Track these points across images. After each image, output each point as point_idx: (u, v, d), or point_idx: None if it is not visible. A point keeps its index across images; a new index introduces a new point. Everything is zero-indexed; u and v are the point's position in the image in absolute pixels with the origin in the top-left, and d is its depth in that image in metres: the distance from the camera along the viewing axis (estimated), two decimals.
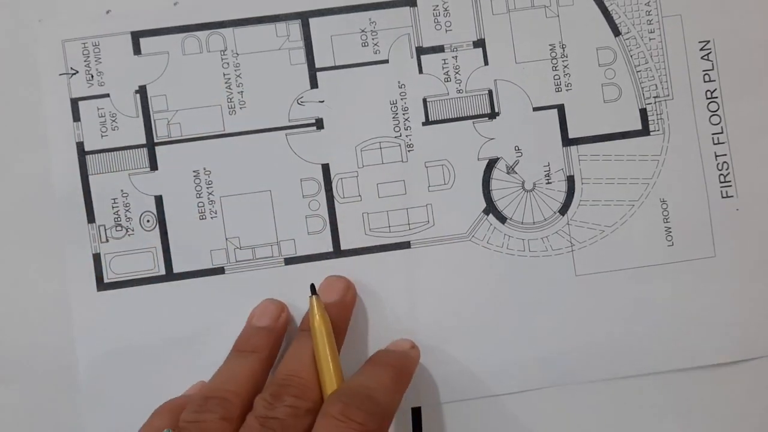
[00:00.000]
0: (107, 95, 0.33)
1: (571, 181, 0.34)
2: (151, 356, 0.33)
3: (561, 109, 0.34)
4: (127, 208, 0.33)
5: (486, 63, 0.34)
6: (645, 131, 0.34)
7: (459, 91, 0.34)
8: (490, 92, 0.34)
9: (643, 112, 0.34)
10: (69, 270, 0.33)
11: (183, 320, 0.33)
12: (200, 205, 0.33)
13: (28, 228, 0.33)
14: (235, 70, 0.34)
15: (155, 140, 0.33)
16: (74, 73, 0.33)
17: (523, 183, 0.34)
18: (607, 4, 0.34)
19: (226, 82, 0.34)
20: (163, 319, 0.33)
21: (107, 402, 0.33)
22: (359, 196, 0.34)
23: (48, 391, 0.33)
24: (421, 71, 0.34)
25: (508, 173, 0.34)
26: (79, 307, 0.33)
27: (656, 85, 0.34)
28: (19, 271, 0.33)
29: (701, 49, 0.34)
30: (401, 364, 0.31)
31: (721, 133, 0.34)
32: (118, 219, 0.33)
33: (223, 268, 0.33)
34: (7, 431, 0.33)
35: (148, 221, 0.33)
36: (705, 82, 0.34)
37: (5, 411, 0.33)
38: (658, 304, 0.34)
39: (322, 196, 0.34)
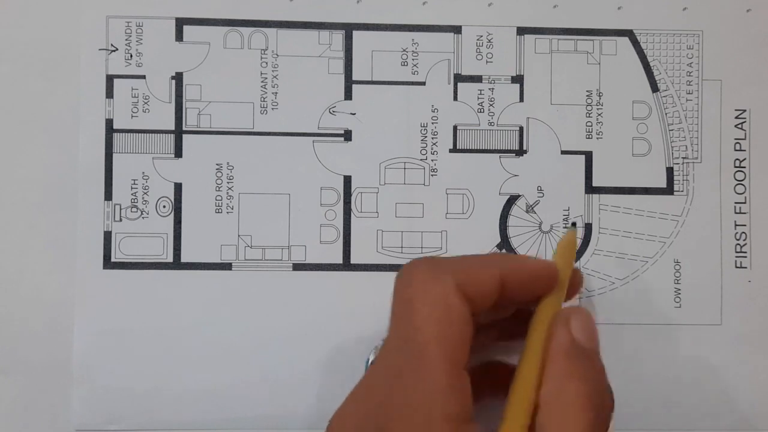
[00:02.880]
0: (143, 77, 0.33)
1: (588, 228, 0.34)
2: (145, 341, 0.33)
3: (589, 156, 0.34)
4: (145, 191, 0.33)
5: (521, 99, 0.34)
6: (669, 190, 0.34)
7: (490, 124, 0.34)
8: (521, 129, 0.34)
9: (670, 171, 0.34)
10: (79, 244, 0.33)
11: (183, 310, 0.33)
12: (218, 198, 0.33)
13: (46, 196, 0.33)
14: (273, 71, 0.34)
15: (184, 128, 0.34)
16: (114, 50, 0.34)
17: (540, 224, 0.34)
18: (649, 59, 0.34)
19: (262, 81, 0.34)
20: (163, 306, 0.33)
21: (97, 380, 0.33)
22: (377, 212, 0.34)
23: (43, 368, 0.33)
24: (456, 98, 0.34)
25: (527, 212, 0.34)
26: (83, 282, 0.33)
27: (686, 146, 0.34)
28: (30, 238, 0.33)
29: (736, 117, 0.34)
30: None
31: (744, 203, 0.34)
32: (135, 200, 0.33)
33: (230, 264, 0.33)
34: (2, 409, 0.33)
35: (164, 207, 0.33)
36: (735, 150, 0.34)
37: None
38: (659, 364, 0.34)
39: (340, 208, 0.34)
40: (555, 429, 0.24)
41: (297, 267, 0.33)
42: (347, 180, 0.34)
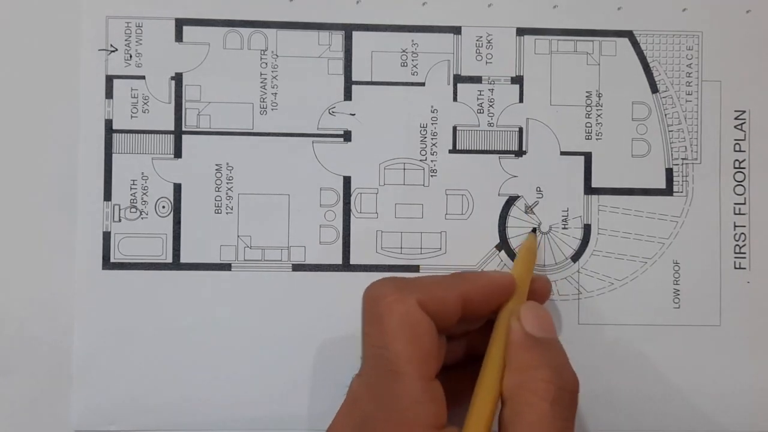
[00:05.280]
0: (143, 77, 0.33)
1: (587, 229, 0.34)
2: (144, 342, 0.33)
3: (588, 156, 0.34)
4: (144, 192, 0.33)
5: (521, 100, 0.34)
6: (668, 191, 0.34)
7: (490, 125, 0.34)
8: (521, 130, 0.34)
9: (669, 172, 0.34)
10: (78, 245, 0.33)
11: (183, 311, 0.33)
12: (217, 198, 0.33)
13: (46, 196, 0.33)
14: (272, 71, 0.34)
15: (183, 129, 0.34)
16: (113, 51, 0.34)
17: (539, 225, 0.34)
18: (649, 59, 0.34)
19: (261, 82, 0.34)
20: (163, 306, 0.33)
21: (97, 381, 0.33)
22: (376, 213, 0.34)
23: (43, 368, 0.33)
24: (455, 99, 0.34)
25: (526, 212, 0.34)
26: (82, 283, 0.33)
27: (686, 147, 0.34)
28: (29, 238, 0.33)
29: (736, 118, 0.34)
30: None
31: (744, 204, 0.34)
32: (134, 201, 0.33)
33: (230, 264, 0.33)
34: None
35: (163, 207, 0.33)
36: (735, 151, 0.34)
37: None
38: (659, 364, 0.34)
39: (339, 208, 0.34)
40: (519, 418, 0.26)
41: (296, 267, 0.34)
42: (347, 180, 0.34)
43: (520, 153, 0.34)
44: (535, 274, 0.32)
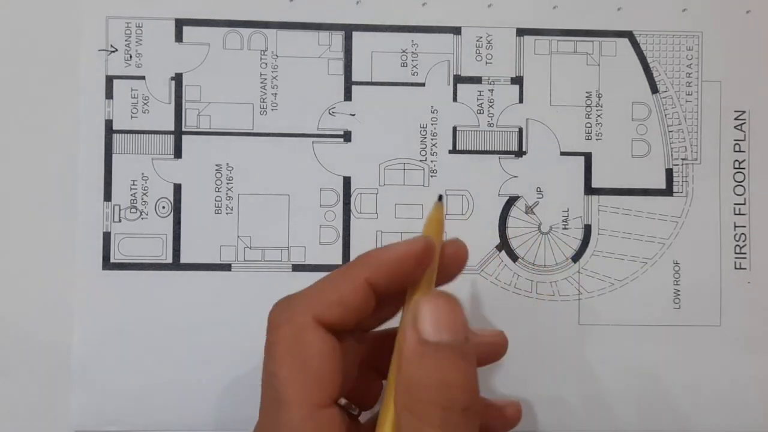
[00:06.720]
0: (143, 77, 0.33)
1: (587, 229, 0.34)
2: (144, 342, 0.33)
3: (588, 157, 0.34)
4: (144, 192, 0.33)
5: (521, 101, 0.34)
6: (668, 191, 0.34)
7: (490, 125, 0.34)
8: (521, 130, 0.34)
9: (669, 173, 0.34)
10: (78, 245, 0.33)
11: (183, 311, 0.33)
12: (217, 199, 0.33)
13: (46, 196, 0.33)
14: (272, 72, 0.34)
15: (183, 129, 0.34)
16: (113, 51, 0.34)
17: (539, 225, 0.34)
18: (649, 60, 0.34)
19: (261, 82, 0.34)
20: (163, 306, 0.33)
21: (96, 381, 0.33)
22: (376, 213, 0.34)
23: (43, 369, 0.33)
24: (455, 99, 0.34)
25: (526, 213, 0.34)
26: (82, 283, 0.33)
27: (686, 147, 0.34)
28: (29, 238, 0.33)
29: (736, 119, 0.34)
30: None
31: (744, 204, 0.34)
32: (134, 201, 0.33)
33: (230, 265, 0.33)
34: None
35: (163, 207, 0.33)
36: (735, 151, 0.34)
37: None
38: (659, 365, 0.34)
39: (339, 209, 0.34)
40: None
41: (296, 268, 0.34)
42: (347, 181, 0.34)
43: (520, 153, 0.34)
44: (447, 240, 0.27)
